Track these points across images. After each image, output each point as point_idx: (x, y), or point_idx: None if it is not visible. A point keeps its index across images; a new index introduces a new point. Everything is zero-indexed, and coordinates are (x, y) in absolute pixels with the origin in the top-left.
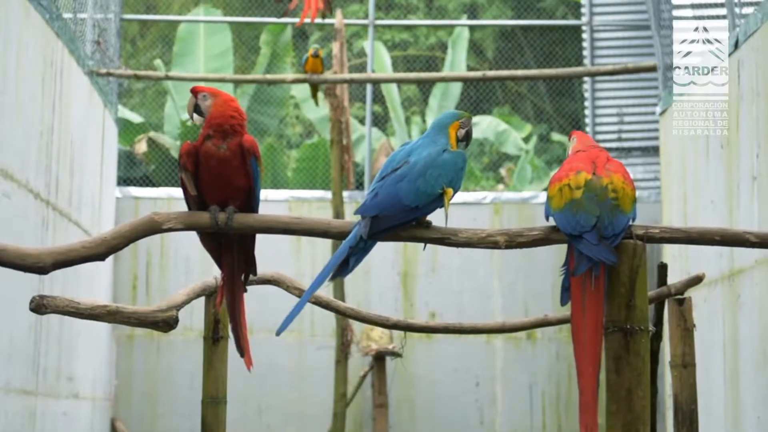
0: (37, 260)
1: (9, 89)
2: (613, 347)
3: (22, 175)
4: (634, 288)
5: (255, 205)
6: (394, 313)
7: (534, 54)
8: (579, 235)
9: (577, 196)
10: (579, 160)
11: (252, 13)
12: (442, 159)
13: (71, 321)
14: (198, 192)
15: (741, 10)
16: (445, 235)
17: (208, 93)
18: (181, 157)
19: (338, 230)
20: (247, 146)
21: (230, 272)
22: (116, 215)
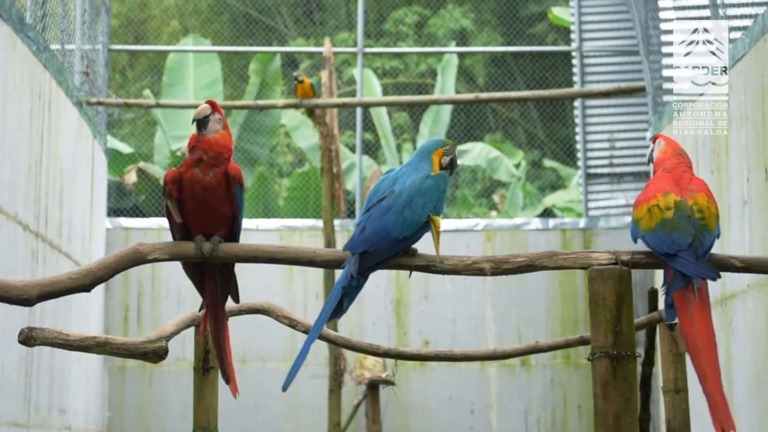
0: (22, 292)
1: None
2: (600, 373)
3: (11, 208)
4: (621, 314)
5: (238, 233)
6: (387, 341)
7: (525, 80)
8: (675, 253)
9: (669, 216)
10: (664, 182)
11: (241, 42)
12: (426, 186)
13: (63, 352)
14: (183, 219)
15: (729, 35)
16: (431, 263)
17: (222, 119)
18: (166, 184)
19: (323, 259)
20: (232, 174)
21: (213, 299)
22: (107, 246)
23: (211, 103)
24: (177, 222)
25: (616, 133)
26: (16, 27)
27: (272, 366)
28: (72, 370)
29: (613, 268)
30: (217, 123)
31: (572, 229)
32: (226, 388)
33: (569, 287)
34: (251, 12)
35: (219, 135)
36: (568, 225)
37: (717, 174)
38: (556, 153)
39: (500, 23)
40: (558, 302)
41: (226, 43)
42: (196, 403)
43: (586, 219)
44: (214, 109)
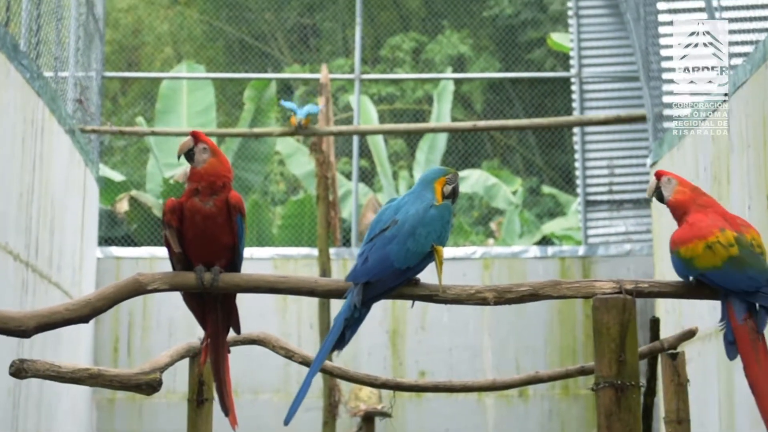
0: (20, 324)
1: None
2: (604, 403)
3: (1, 237)
4: (624, 343)
5: (239, 263)
6: (383, 372)
7: (523, 106)
8: (755, 290)
9: (735, 253)
10: (712, 218)
11: (235, 68)
12: (429, 216)
13: (51, 384)
14: (182, 249)
15: (730, 61)
16: (433, 292)
17: (209, 147)
18: (165, 214)
19: (324, 289)
20: (233, 203)
21: (214, 330)
22: (97, 276)
23: (194, 134)
24: (176, 252)
25: (616, 160)
26: (10, 54)
27: (265, 397)
28: (60, 403)
29: (617, 297)
30: (203, 153)
31: (571, 257)
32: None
33: (568, 316)
34: (246, 38)
35: (207, 164)
36: (566, 253)
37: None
38: (554, 180)
39: (498, 49)
40: (556, 331)
41: (221, 70)
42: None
43: (585, 247)
44: (198, 140)
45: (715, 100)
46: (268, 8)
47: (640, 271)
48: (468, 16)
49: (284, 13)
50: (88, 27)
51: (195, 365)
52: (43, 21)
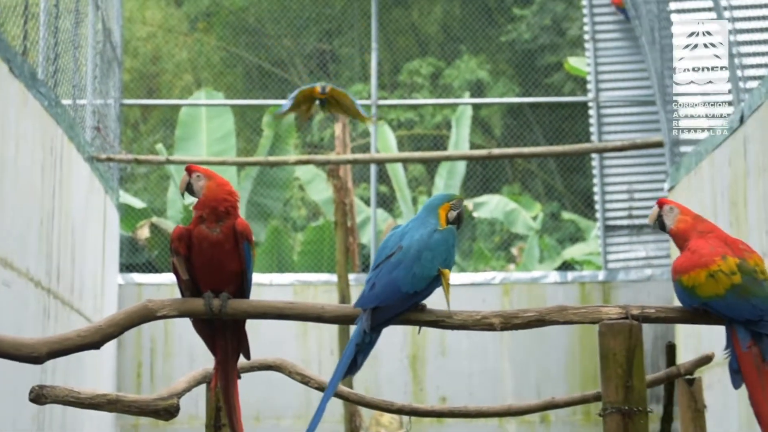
0: (32, 350)
1: (8, 177)
2: (611, 429)
3: (22, 264)
4: (632, 368)
5: (247, 289)
6: (403, 398)
7: (542, 130)
8: (759, 319)
9: (738, 281)
10: (714, 244)
11: (254, 95)
12: (434, 240)
13: (74, 411)
14: (191, 276)
15: (745, 85)
16: (440, 318)
17: (203, 174)
18: (173, 241)
19: (332, 315)
20: (239, 230)
21: (224, 357)
22: (119, 302)
23: (187, 168)
24: (184, 278)
25: (635, 185)
26: (28, 83)
27: (287, 423)
28: (84, 428)
29: (623, 322)
30: (198, 180)
31: (591, 282)
32: None
33: (588, 342)
34: (264, 64)
35: (205, 189)
36: (586, 278)
37: (736, 225)
38: (574, 205)
39: (516, 73)
40: (576, 357)
41: (240, 96)
42: None
43: (605, 272)
44: (191, 171)
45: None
46: (286, 34)
47: (661, 296)
48: (486, 40)
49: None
50: (105, 54)
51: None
52: (61, 49)
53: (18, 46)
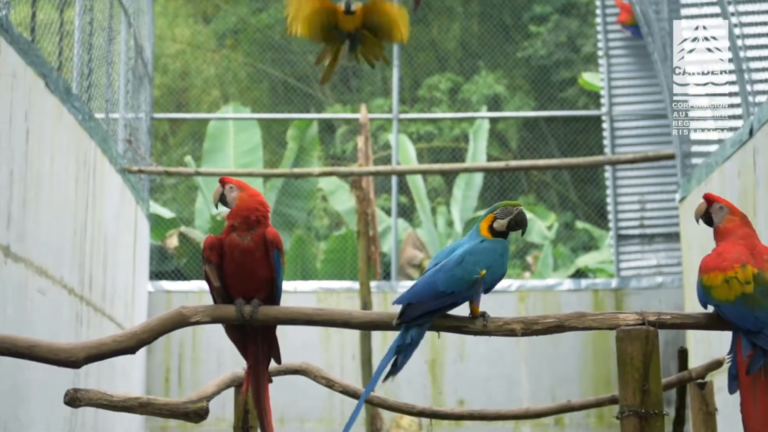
0: (70, 355)
1: (43, 189)
2: (628, 431)
3: (56, 272)
4: (648, 373)
5: (277, 296)
6: (422, 401)
7: (557, 143)
8: (759, 330)
9: (749, 291)
10: (739, 251)
11: (279, 109)
12: (480, 247)
13: (106, 413)
14: (222, 284)
15: (755, 99)
16: (463, 324)
17: (236, 185)
18: (205, 250)
19: (359, 321)
20: (270, 238)
21: (255, 361)
22: (149, 309)
23: (220, 180)
24: (216, 286)
25: (647, 195)
26: (63, 97)
27: (310, 426)
28: (115, 430)
29: (640, 328)
30: (231, 192)
31: (604, 290)
32: None
33: (601, 347)
34: (289, 80)
35: (238, 200)
36: (600, 285)
37: None
38: (588, 215)
39: (532, 88)
40: (590, 362)
41: (265, 110)
42: None
43: (617, 279)
44: (224, 183)
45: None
46: (310, 51)
47: (671, 303)
48: (503, 56)
49: None
50: (137, 70)
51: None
52: (95, 65)
53: (53, 62)
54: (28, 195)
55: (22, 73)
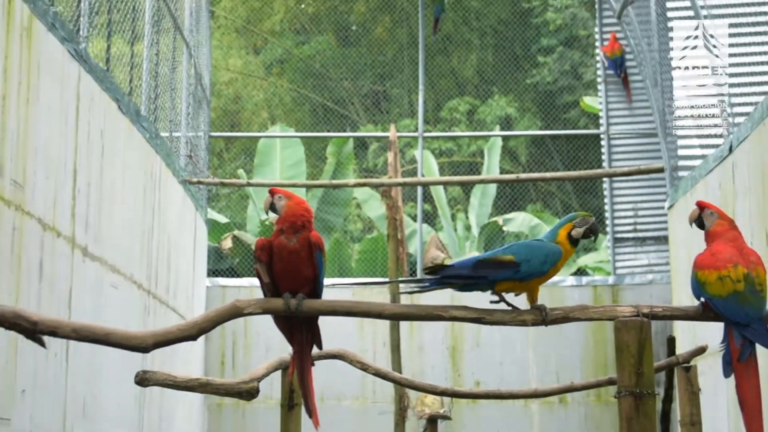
0: (141, 341)
1: (116, 198)
2: (625, 409)
3: (127, 269)
4: (642, 358)
5: (320, 291)
6: (444, 382)
7: (561, 158)
8: (747, 324)
9: (740, 289)
10: (731, 252)
11: (319, 128)
12: (532, 244)
13: (169, 392)
14: (271, 280)
15: (734, 120)
16: (481, 315)
17: (283, 195)
18: (256, 251)
19: (391, 312)
20: (313, 241)
21: (299, 347)
22: (206, 302)
23: (270, 191)
24: (266, 282)
25: (639, 203)
26: (133, 118)
27: (346, 403)
28: (177, 407)
29: (635, 319)
30: (280, 200)
31: (602, 286)
32: (307, 422)
33: (600, 336)
34: (328, 103)
35: (286, 208)
36: (598, 282)
37: None
38: None
39: (539, 110)
40: (590, 349)
41: (307, 130)
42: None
43: (614, 277)
44: (273, 193)
45: (722, 154)
46: (346, 78)
47: (661, 297)
48: (514, 83)
49: (360, 81)
50: (196, 95)
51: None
52: (160, 91)
53: (125, 88)
54: (103, 203)
55: (98, 97)
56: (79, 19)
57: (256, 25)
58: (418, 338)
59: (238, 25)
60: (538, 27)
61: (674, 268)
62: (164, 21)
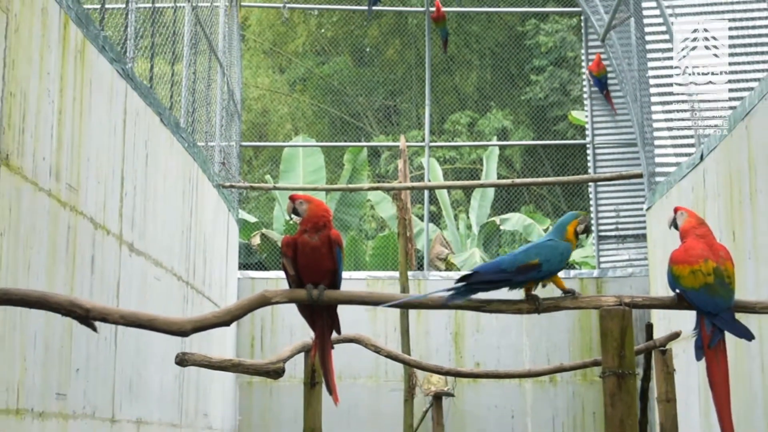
0: (181, 327)
1: (159, 200)
2: (609, 387)
3: (168, 263)
4: (624, 342)
5: (338, 282)
6: (448, 363)
7: (551, 165)
8: (717, 313)
9: (711, 281)
10: (702, 248)
11: (337, 139)
12: (547, 245)
13: (205, 371)
14: (295, 273)
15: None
16: (481, 304)
17: (304, 200)
18: (282, 247)
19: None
20: (333, 238)
21: (321, 333)
22: (238, 292)
23: (290, 197)
24: (291, 274)
25: (621, 205)
26: (173, 130)
27: (361, 381)
28: (212, 385)
29: (618, 308)
30: (301, 205)
31: (588, 278)
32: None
33: (586, 323)
34: (345, 116)
35: (308, 211)
36: (584, 275)
37: None
38: None
39: (532, 123)
40: (577, 334)
41: (327, 140)
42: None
43: (598, 270)
44: (294, 199)
45: (694, 162)
46: (360, 94)
47: (640, 288)
48: (509, 98)
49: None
50: (229, 109)
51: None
52: (197, 105)
53: (166, 103)
54: (147, 204)
55: (143, 111)
56: (126, 43)
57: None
58: (424, 324)
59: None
60: (531, 49)
61: (652, 262)
62: (200, 44)
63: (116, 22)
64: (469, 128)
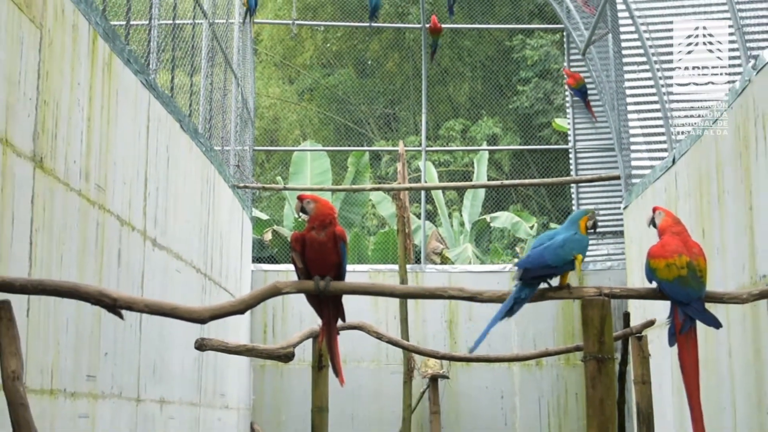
0: (199, 315)
1: (179, 201)
2: (590, 370)
3: (188, 257)
4: (603, 329)
5: (343, 274)
6: (443, 348)
7: (537, 168)
8: (688, 303)
9: (684, 274)
10: (677, 244)
11: (342, 144)
12: (575, 238)
13: (222, 355)
14: (304, 266)
15: (676, 137)
16: (475, 294)
17: (311, 199)
18: (292, 242)
19: (401, 292)
20: (338, 234)
21: (327, 320)
22: (252, 283)
23: (299, 197)
24: (300, 267)
25: (600, 204)
26: (192, 135)
27: (365, 365)
28: (229, 367)
29: (598, 298)
30: (309, 204)
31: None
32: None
33: (568, 312)
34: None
35: (315, 210)
36: None
37: None
38: (559, 218)
39: (519, 129)
40: (561, 322)
41: (332, 145)
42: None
43: None
44: (302, 199)
45: (667, 165)
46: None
47: (618, 281)
48: (499, 107)
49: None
50: (243, 116)
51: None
52: (214, 113)
53: (185, 111)
54: (168, 203)
55: (164, 118)
56: (149, 56)
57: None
58: (422, 313)
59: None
60: (518, 62)
61: (628, 257)
62: (217, 57)
63: (140, 37)
64: (462, 134)
